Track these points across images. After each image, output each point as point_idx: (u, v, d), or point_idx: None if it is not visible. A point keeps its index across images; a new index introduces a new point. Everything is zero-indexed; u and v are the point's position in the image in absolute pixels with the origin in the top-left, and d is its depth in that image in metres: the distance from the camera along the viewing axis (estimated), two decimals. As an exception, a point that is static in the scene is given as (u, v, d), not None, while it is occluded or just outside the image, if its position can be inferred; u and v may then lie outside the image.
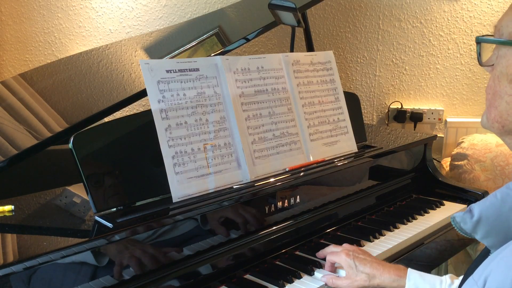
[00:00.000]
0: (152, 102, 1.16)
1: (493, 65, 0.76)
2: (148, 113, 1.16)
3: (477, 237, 0.75)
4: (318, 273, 1.22)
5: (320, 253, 1.28)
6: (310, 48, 1.97)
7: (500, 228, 0.72)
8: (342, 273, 1.20)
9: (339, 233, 1.46)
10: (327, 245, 1.37)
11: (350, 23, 2.78)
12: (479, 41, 0.78)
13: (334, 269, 1.23)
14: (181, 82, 1.22)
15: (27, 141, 1.43)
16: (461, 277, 1.09)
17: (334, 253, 1.22)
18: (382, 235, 1.44)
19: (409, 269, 1.12)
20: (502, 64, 0.73)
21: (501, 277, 0.63)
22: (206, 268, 1.16)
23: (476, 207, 0.74)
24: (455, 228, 0.77)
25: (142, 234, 1.05)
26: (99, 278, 0.98)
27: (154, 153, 1.14)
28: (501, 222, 0.71)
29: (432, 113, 2.81)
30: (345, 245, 1.25)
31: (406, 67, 2.80)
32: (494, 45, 0.76)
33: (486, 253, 0.79)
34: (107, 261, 1.00)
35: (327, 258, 1.23)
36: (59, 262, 0.92)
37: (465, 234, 0.76)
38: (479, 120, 0.84)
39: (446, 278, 1.09)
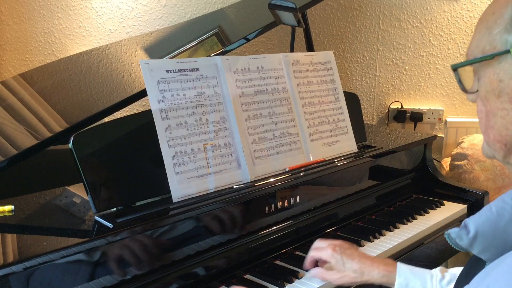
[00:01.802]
0: (152, 102, 1.16)
1: (477, 91, 0.75)
2: (148, 113, 1.16)
3: (474, 252, 0.73)
4: (318, 273, 1.21)
5: (307, 264, 1.20)
6: (310, 48, 1.97)
7: (497, 242, 0.70)
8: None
9: (339, 233, 1.46)
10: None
11: (350, 23, 2.78)
12: (455, 67, 0.77)
13: (316, 266, 1.18)
14: (181, 82, 1.22)
15: (27, 141, 1.43)
16: (452, 269, 1.08)
17: (320, 248, 1.17)
18: (382, 235, 1.44)
19: (398, 264, 1.09)
20: (485, 83, 0.73)
21: None
22: (206, 268, 1.16)
23: (471, 222, 0.72)
24: (451, 244, 0.76)
25: (142, 234, 1.05)
26: (99, 278, 0.98)
27: (154, 153, 1.14)
28: (498, 236, 0.70)
29: (432, 113, 2.81)
30: (331, 240, 1.20)
31: (406, 67, 2.80)
32: (471, 71, 0.76)
33: (477, 259, 0.78)
34: (107, 261, 1.00)
35: (311, 254, 1.18)
36: (59, 262, 0.93)
37: (461, 249, 0.75)
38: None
39: (436, 271, 1.07)
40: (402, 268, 1.08)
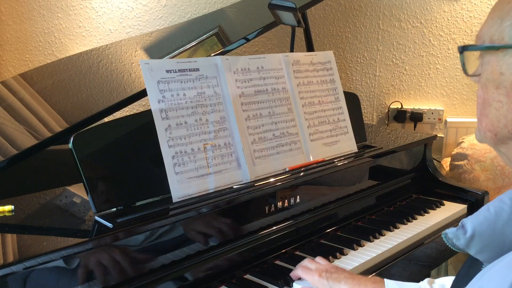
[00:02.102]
0: (152, 102, 1.16)
1: (479, 74, 0.75)
2: (148, 113, 1.16)
3: (471, 252, 0.73)
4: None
5: (293, 275, 1.18)
6: (310, 48, 1.97)
7: (495, 243, 0.70)
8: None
9: (339, 233, 1.46)
10: (327, 245, 1.37)
11: (350, 23, 2.78)
12: (462, 50, 0.76)
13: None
14: (181, 82, 1.22)
15: (27, 141, 1.43)
16: (439, 279, 1.08)
17: (307, 269, 1.15)
18: (382, 235, 1.44)
19: (386, 280, 1.07)
20: (488, 70, 0.72)
21: None
22: (206, 268, 1.16)
23: (469, 222, 0.72)
24: (447, 244, 0.76)
25: (142, 234, 1.05)
26: (98, 278, 0.98)
27: (154, 153, 1.14)
28: (495, 237, 0.69)
29: (432, 113, 2.81)
30: (319, 260, 1.18)
31: (406, 67, 2.80)
32: (477, 55, 0.75)
33: (472, 261, 0.77)
34: (106, 261, 1.00)
35: (298, 273, 1.16)
36: (58, 262, 0.92)
37: (458, 250, 0.75)
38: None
39: (425, 283, 1.06)
40: (390, 285, 1.06)
